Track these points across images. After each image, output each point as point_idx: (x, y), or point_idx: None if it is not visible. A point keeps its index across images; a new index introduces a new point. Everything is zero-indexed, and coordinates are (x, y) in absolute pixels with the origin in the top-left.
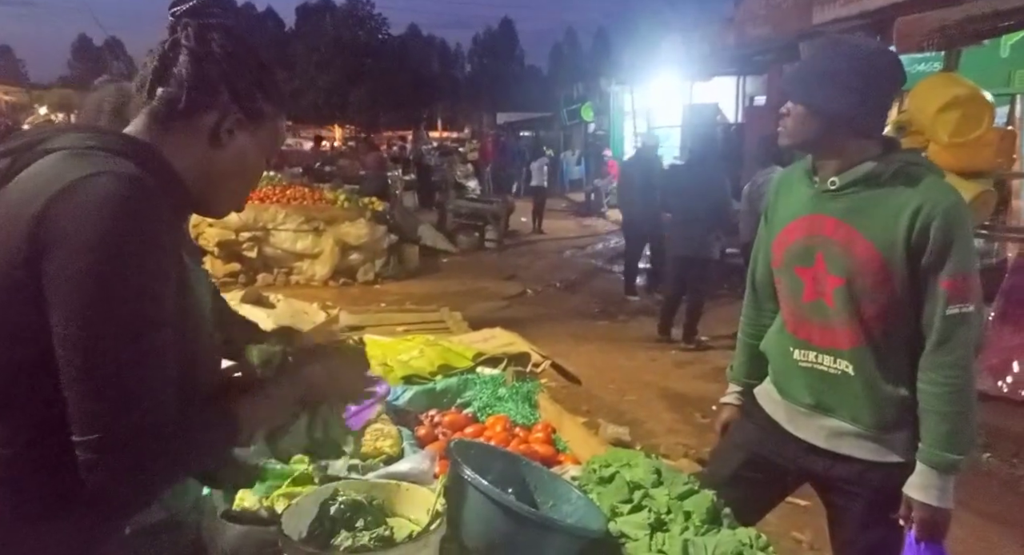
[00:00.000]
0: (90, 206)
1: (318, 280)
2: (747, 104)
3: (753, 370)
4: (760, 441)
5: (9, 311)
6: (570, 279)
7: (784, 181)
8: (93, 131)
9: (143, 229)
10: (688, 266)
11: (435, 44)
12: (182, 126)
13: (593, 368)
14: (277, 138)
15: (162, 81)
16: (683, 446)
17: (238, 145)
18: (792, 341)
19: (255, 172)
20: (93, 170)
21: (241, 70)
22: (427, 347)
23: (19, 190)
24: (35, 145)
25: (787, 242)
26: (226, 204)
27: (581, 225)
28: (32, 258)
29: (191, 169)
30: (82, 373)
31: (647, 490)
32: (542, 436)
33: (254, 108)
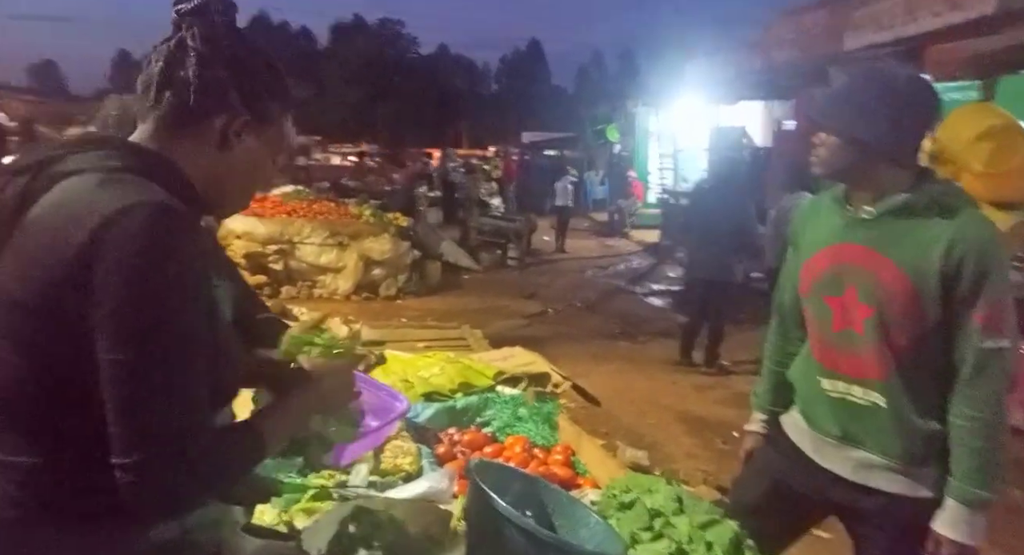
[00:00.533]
0: (130, 242)
1: (341, 294)
2: (775, 128)
3: (778, 398)
4: (785, 470)
5: (44, 330)
6: (591, 299)
7: (812, 208)
8: (108, 148)
9: (182, 260)
10: (709, 289)
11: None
12: (191, 130)
13: (612, 390)
14: (285, 138)
15: (169, 85)
16: (702, 472)
17: (246, 147)
18: (820, 370)
19: (263, 172)
20: (131, 201)
21: (248, 71)
22: (447, 364)
23: (50, 221)
24: (52, 163)
25: (816, 270)
26: (233, 204)
27: (603, 245)
28: (77, 285)
29: (200, 172)
30: (126, 397)
31: (668, 518)
32: (561, 458)
33: (261, 109)
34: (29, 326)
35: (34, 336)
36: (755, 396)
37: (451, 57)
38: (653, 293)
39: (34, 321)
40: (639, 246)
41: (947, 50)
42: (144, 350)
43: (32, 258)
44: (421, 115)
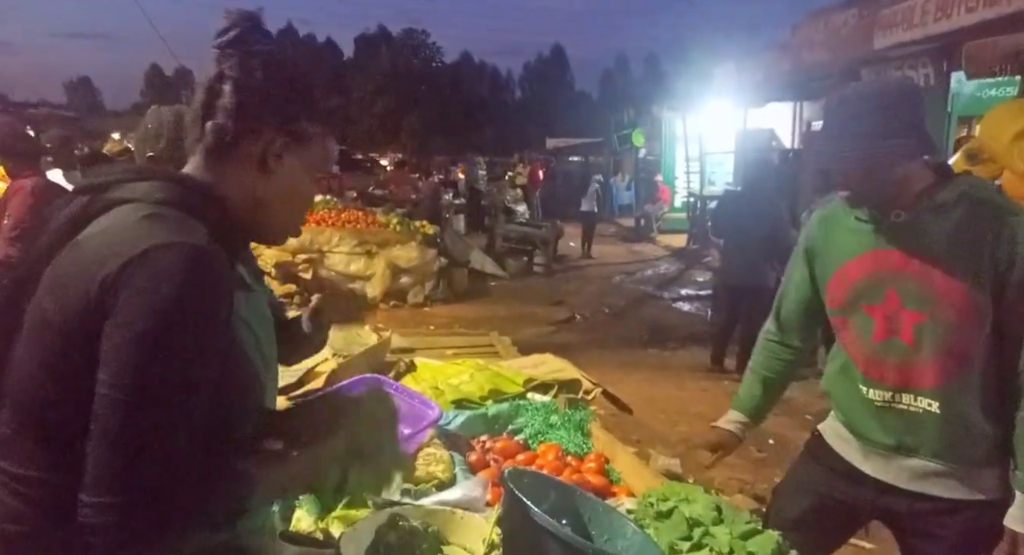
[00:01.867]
0: (157, 279)
1: (370, 302)
2: (804, 130)
3: (763, 403)
4: (829, 484)
5: (68, 351)
6: (619, 305)
7: (826, 219)
8: (160, 180)
9: (201, 305)
10: (741, 294)
11: (487, 71)
12: (233, 157)
13: (642, 397)
14: (326, 158)
15: (210, 115)
16: (738, 481)
17: (287, 169)
18: (863, 381)
19: (307, 194)
20: (164, 240)
21: (285, 95)
22: (477, 371)
23: (93, 245)
24: (110, 188)
25: (849, 281)
26: (282, 230)
27: (630, 251)
28: (97, 316)
29: (245, 199)
30: (114, 434)
31: (707, 528)
32: (595, 466)
33: (300, 131)
34: (56, 345)
35: (58, 355)
36: (737, 398)
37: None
38: (682, 298)
39: (60, 340)
40: (666, 251)
41: (984, 46)
42: (141, 392)
43: (69, 279)
44: (446, 123)
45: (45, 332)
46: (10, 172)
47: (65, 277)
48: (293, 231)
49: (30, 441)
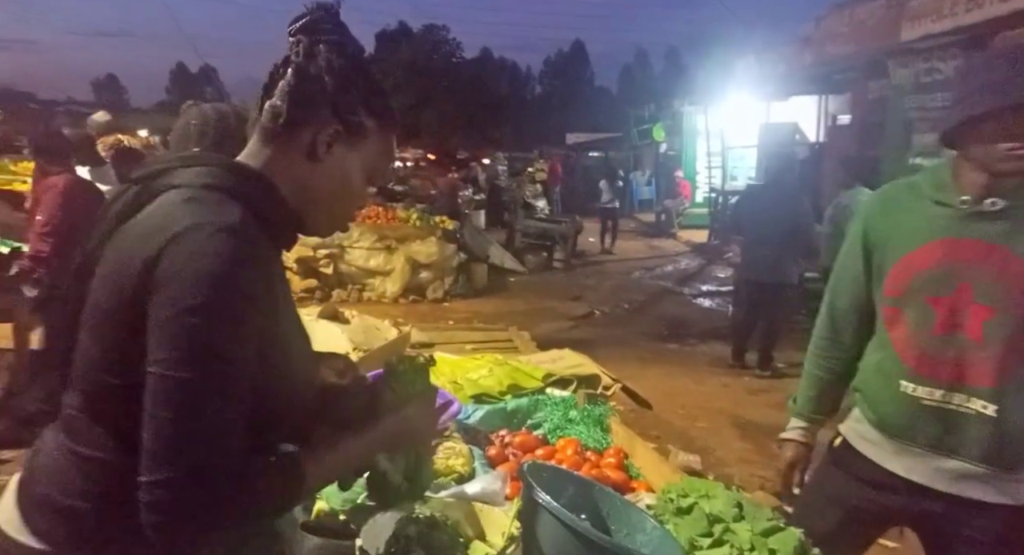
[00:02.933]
0: (191, 259)
1: (389, 297)
2: (829, 123)
3: (821, 405)
4: (856, 493)
5: (120, 335)
6: (638, 301)
7: (891, 202)
8: (208, 165)
9: (235, 282)
10: (762, 290)
11: (506, 66)
12: (285, 140)
13: (661, 393)
14: (383, 157)
15: (269, 96)
16: (758, 478)
17: (336, 160)
18: (910, 377)
19: (356, 189)
20: (198, 220)
21: (345, 85)
22: (496, 366)
23: (136, 231)
24: (161, 175)
25: (915, 269)
26: (328, 223)
27: (650, 246)
28: (143, 299)
29: (293, 186)
30: (155, 412)
31: (728, 524)
32: (614, 461)
33: (355, 122)
34: (111, 330)
35: (114, 340)
36: (793, 403)
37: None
38: (702, 294)
39: (114, 326)
40: (687, 247)
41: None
42: (181, 368)
43: (116, 265)
44: (466, 119)
45: (101, 319)
46: (42, 169)
47: (113, 264)
48: (339, 225)
49: (97, 424)
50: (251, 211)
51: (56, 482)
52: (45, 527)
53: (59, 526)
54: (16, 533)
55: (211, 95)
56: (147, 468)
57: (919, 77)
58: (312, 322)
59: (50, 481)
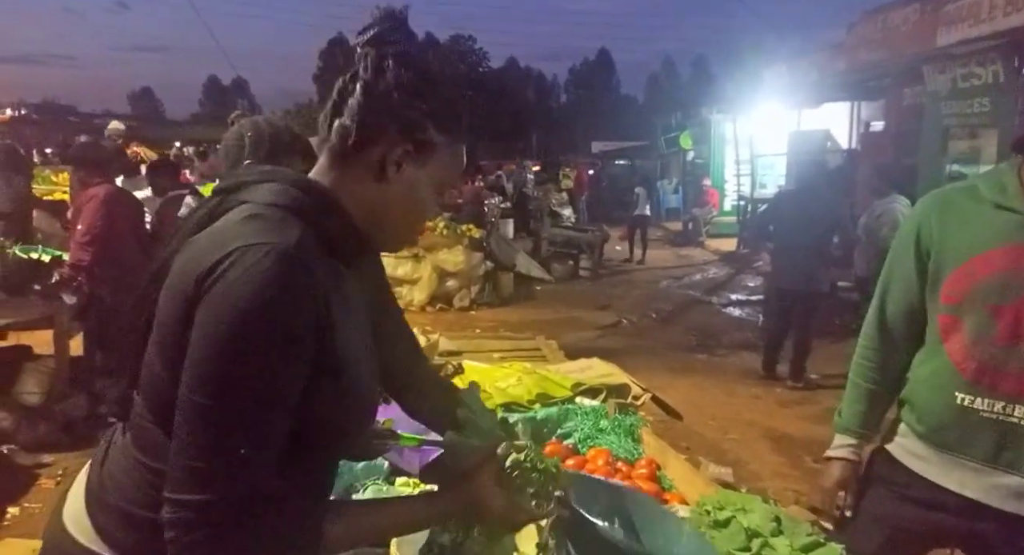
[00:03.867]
0: (237, 280)
1: (416, 305)
2: (862, 130)
3: (871, 419)
4: (904, 513)
5: (175, 349)
6: (666, 310)
7: (947, 205)
8: (280, 183)
9: (281, 307)
10: (794, 300)
11: (532, 76)
12: (354, 161)
13: (691, 404)
14: (452, 169)
15: (338, 115)
16: (793, 492)
17: (406, 179)
18: (968, 388)
19: (425, 206)
20: (252, 241)
21: (413, 100)
22: (525, 375)
23: (202, 242)
24: (239, 189)
25: (977, 276)
26: (396, 239)
27: (678, 255)
28: (189, 313)
29: (361, 205)
30: (185, 432)
31: (767, 539)
32: (646, 472)
33: (424, 140)
34: (170, 344)
35: (170, 353)
36: (840, 417)
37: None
38: (732, 303)
39: (169, 339)
40: (715, 255)
41: None
42: (202, 393)
43: (177, 277)
44: (493, 128)
45: (162, 331)
46: (82, 180)
47: (175, 276)
48: (409, 241)
49: (161, 435)
50: (314, 229)
51: (128, 493)
52: (121, 538)
53: (134, 538)
54: (90, 543)
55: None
56: (170, 486)
57: (956, 83)
58: None
59: (122, 492)
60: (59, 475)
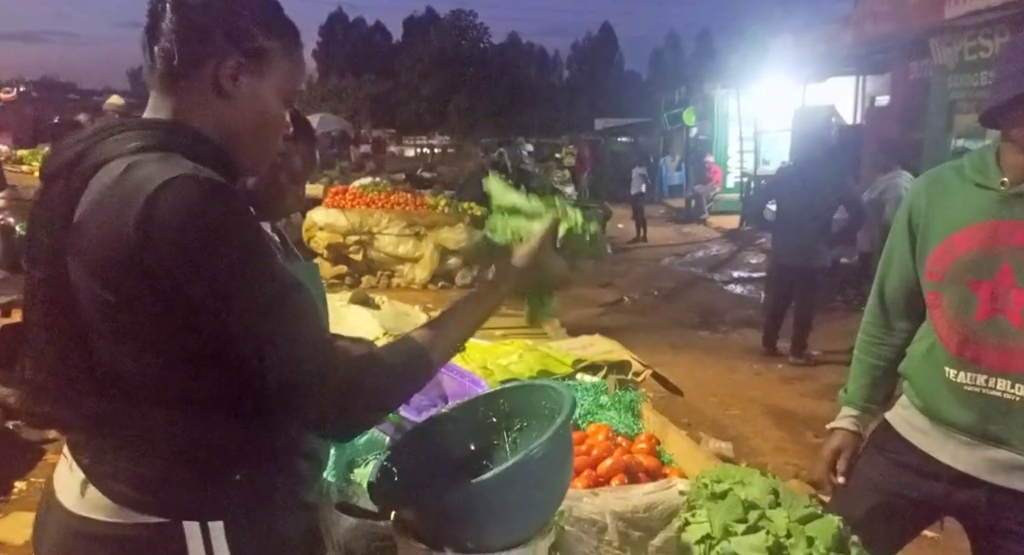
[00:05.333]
0: (180, 210)
1: (418, 283)
2: (867, 105)
3: (875, 393)
4: (898, 479)
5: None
6: (668, 287)
7: (935, 185)
8: (125, 130)
9: (235, 217)
10: (796, 276)
11: (534, 52)
12: (187, 84)
13: (693, 380)
14: (294, 76)
15: (155, 39)
16: (793, 466)
17: (248, 92)
18: (953, 362)
19: (276, 117)
20: (159, 181)
21: (232, 8)
22: (526, 352)
23: (96, 215)
24: (80, 159)
25: (956, 253)
26: (256, 157)
27: (680, 232)
28: (139, 269)
29: (210, 126)
30: (253, 340)
31: (764, 511)
32: (646, 447)
33: (254, 48)
34: (118, 320)
35: (126, 328)
36: (845, 392)
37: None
38: (733, 281)
39: (119, 315)
40: (718, 233)
41: None
42: (248, 299)
43: (93, 258)
44: (494, 105)
45: (108, 316)
46: None
47: (88, 260)
48: (269, 157)
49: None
50: (191, 159)
51: (136, 460)
52: (150, 500)
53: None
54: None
55: None
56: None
57: (963, 56)
58: (343, 307)
59: (131, 462)
60: None
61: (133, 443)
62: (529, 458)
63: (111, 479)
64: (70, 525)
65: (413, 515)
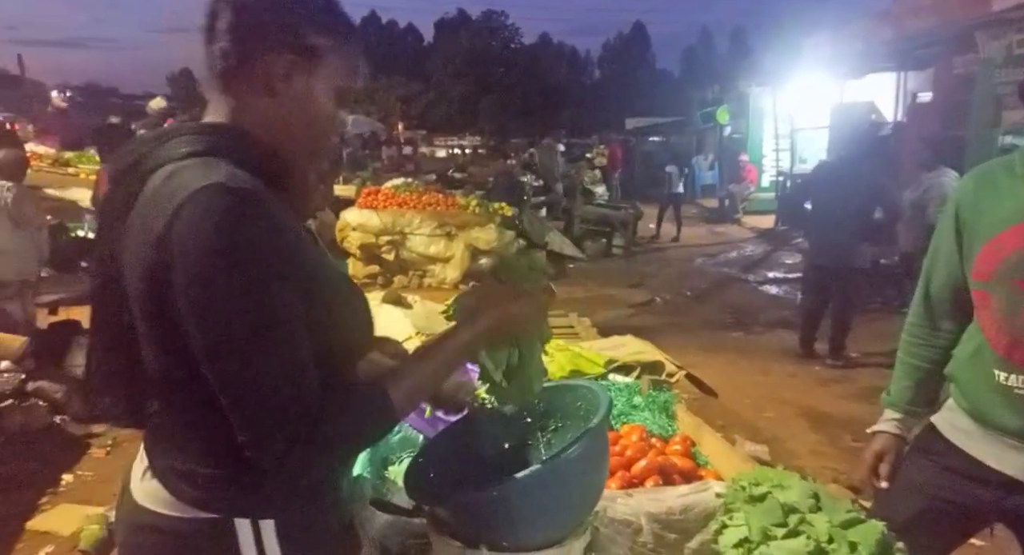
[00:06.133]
0: (197, 222)
1: (449, 283)
2: (908, 102)
3: (919, 396)
4: (944, 482)
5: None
6: (701, 288)
7: (984, 182)
8: (179, 135)
9: (247, 234)
10: (833, 276)
11: (565, 52)
12: (242, 83)
13: (726, 381)
14: (346, 72)
15: (213, 39)
16: (831, 470)
17: (299, 90)
18: (1003, 365)
19: (328, 116)
20: (192, 188)
21: (285, 7)
22: (557, 351)
23: (139, 220)
24: (140, 163)
25: (1005, 251)
26: (308, 155)
27: (713, 232)
28: (163, 277)
29: (263, 128)
30: (218, 380)
31: (804, 515)
32: (680, 448)
33: (306, 46)
34: (154, 323)
35: (160, 331)
36: (888, 394)
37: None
38: (768, 281)
39: (154, 318)
40: (752, 233)
41: None
42: (222, 336)
43: (135, 261)
44: (524, 106)
45: (147, 318)
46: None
47: (132, 262)
48: (323, 155)
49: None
50: (236, 164)
51: (186, 456)
52: (193, 494)
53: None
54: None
55: None
56: (237, 431)
57: (1011, 49)
58: (376, 307)
59: (182, 456)
60: (108, 445)
61: (182, 440)
62: (565, 457)
63: (169, 473)
64: (134, 514)
65: (448, 513)
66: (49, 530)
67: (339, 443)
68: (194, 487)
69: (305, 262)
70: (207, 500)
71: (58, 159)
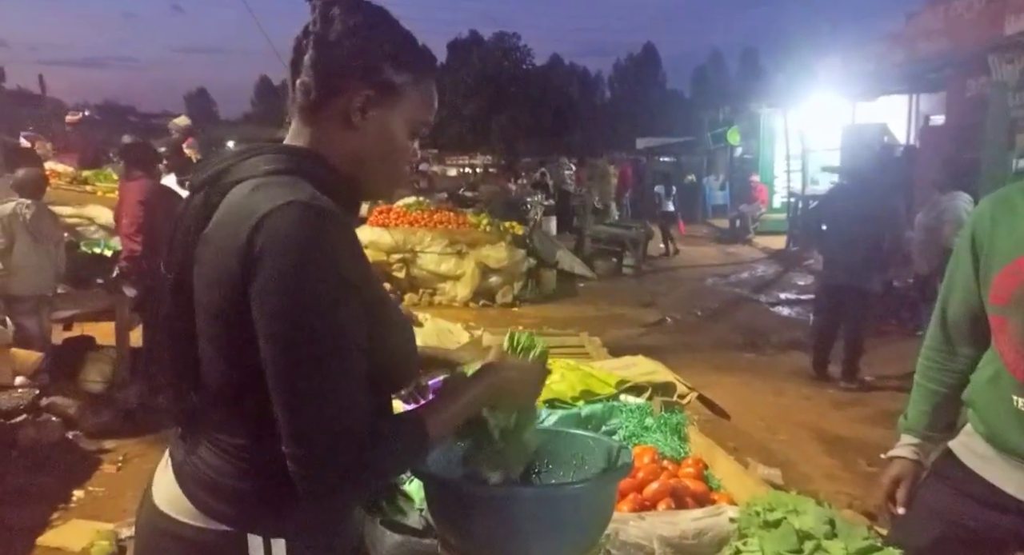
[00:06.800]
0: (280, 235)
1: (459, 301)
2: (921, 124)
3: (936, 421)
4: (962, 508)
5: (231, 337)
6: (712, 308)
7: (1001, 204)
8: (264, 153)
9: (328, 256)
10: (846, 297)
11: (576, 72)
12: (323, 115)
13: (738, 403)
14: (422, 107)
15: (297, 73)
16: (846, 495)
17: (375, 124)
18: (1021, 390)
19: (402, 148)
20: (277, 202)
21: (365, 44)
22: (568, 371)
23: (221, 230)
24: (222, 176)
25: (1022, 275)
26: (382, 185)
27: (724, 252)
28: (242, 291)
29: (341, 157)
30: (282, 392)
31: (819, 541)
32: (693, 471)
33: (384, 82)
34: (224, 332)
35: (227, 339)
36: (905, 419)
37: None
38: (780, 302)
39: (227, 327)
40: (764, 253)
41: None
42: (290, 344)
43: (211, 269)
44: (535, 125)
45: (211, 322)
46: (127, 175)
47: (208, 269)
48: (395, 184)
49: (232, 414)
50: (316, 186)
51: (218, 467)
52: (215, 506)
53: (227, 504)
54: (189, 518)
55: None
56: (286, 443)
57: None
58: None
59: (212, 468)
60: (120, 461)
61: (215, 449)
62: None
63: (192, 481)
64: (152, 518)
65: (457, 534)
66: (60, 546)
67: (385, 473)
68: (219, 500)
69: (371, 286)
70: (229, 513)
71: (76, 177)
